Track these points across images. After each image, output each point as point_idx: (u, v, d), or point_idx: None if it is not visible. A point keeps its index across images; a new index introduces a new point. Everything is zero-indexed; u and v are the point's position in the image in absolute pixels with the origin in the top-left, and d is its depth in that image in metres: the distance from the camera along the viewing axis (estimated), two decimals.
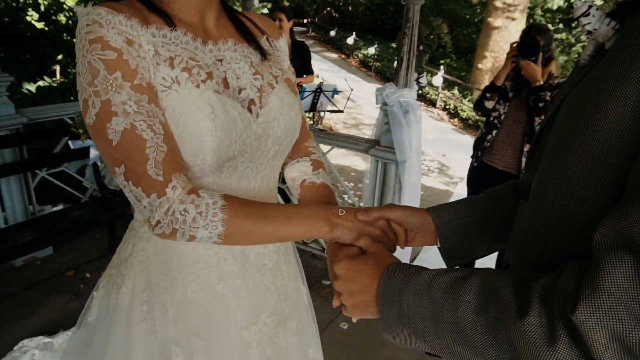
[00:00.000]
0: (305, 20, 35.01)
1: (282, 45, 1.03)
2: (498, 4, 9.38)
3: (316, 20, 30.99)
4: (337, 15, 30.43)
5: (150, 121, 0.73)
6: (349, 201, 2.98)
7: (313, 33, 27.03)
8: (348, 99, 3.80)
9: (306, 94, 3.50)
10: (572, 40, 13.37)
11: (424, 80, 2.59)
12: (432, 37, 12.08)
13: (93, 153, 2.98)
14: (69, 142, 2.97)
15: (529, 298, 0.44)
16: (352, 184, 5.59)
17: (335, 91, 3.63)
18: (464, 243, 0.82)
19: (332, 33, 21.44)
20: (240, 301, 0.93)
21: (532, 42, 2.36)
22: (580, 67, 0.52)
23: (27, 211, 3.08)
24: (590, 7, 0.48)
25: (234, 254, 0.92)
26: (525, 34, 2.61)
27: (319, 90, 3.46)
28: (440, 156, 7.99)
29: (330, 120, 9.48)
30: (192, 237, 0.75)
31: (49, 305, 2.63)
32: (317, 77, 11.71)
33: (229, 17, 0.94)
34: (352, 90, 3.46)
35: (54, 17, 6.33)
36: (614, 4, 0.46)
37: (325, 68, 15.85)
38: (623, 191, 0.42)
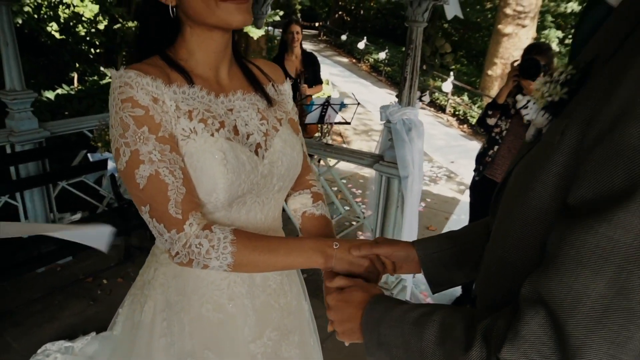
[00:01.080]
0: (317, 24, 35.19)
1: (287, 89, 1.15)
2: (508, 11, 9.42)
3: (328, 23, 31.17)
4: (348, 19, 30.54)
5: (171, 167, 0.85)
6: (355, 209, 3.10)
7: (324, 37, 27.18)
8: (355, 112, 3.89)
9: (314, 107, 3.61)
10: None
11: (426, 99, 2.69)
12: (435, 57, 12.20)
13: (111, 165, 3.12)
14: (88, 154, 3.12)
15: (474, 336, 0.55)
16: (359, 191, 5.70)
17: (343, 104, 3.74)
18: (445, 273, 0.93)
19: (344, 37, 21.55)
20: (247, 319, 1.05)
21: (533, 63, 2.43)
22: (526, 142, 0.63)
23: (48, 219, 3.25)
24: (528, 101, 0.59)
25: (242, 277, 1.04)
26: (526, 53, 2.70)
27: (326, 104, 3.58)
28: (448, 163, 8.04)
29: (340, 127, 9.59)
30: (206, 266, 0.87)
31: (68, 310, 2.78)
32: (327, 83, 11.82)
33: (240, 66, 1.06)
34: (358, 104, 3.57)
35: (73, 30, 6.55)
36: (546, 101, 0.57)
37: (336, 73, 15.99)
38: None
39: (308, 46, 22.18)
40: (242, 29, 1.13)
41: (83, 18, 6.48)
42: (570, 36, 13.97)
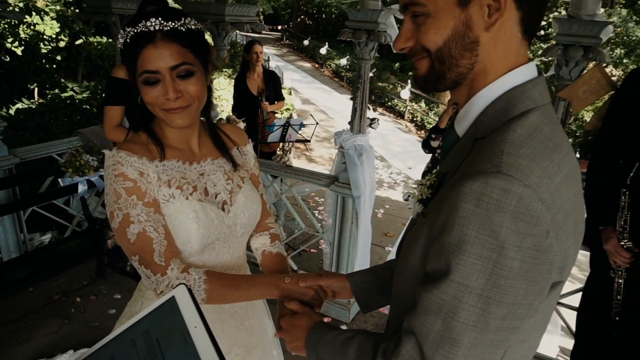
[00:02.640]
0: (279, 27, 35.26)
1: (249, 150, 1.40)
2: None
3: (290, 25, 31.36)
4: (311, 23, 30.81)
5: (155, 226, 1.09)
6: (314, 226, 3.38)
7: (287, 41, 27.39)
8: (314, 132, 4.17)
9: (275, 127, 3.87)
10: (530, 56, 14.13)
11: (375, 126, 3.00)
12: (382, 87, 12.87)
13: (81, 188, 3.28)
14: (59, 179, 3.26)
15: (377, 353, 0.82)
16: (322, 199, 5.99)
17: (302, 125, 4.01)
18: (371, 298, 1.21)
19: (306, 42, 21.83)
20: (218, 340, 1.30)
21: None
22: (413, 218, 0.91)
23: (19, 241, 3.37)
24: (409, 195, 0.87)
25: (213, 306, 1.29)
26: None
27: (287, 125, 3.84)
28: (406, 169, 8.46)
29: (304, 133, 9.87)
30: None
31: (44, 329, 2.93)
32: (290, 92, 12.07)
33: (210, 133, 1.30)
34: (317, 123, 3.85)
35: (35, 49, 6.52)
36: (419, 197, 0.84)
37: (299, 79, 16.26)
38: None
39: (271, 50, 22.35)
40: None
41: (44, 36, 6.47)
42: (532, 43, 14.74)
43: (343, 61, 16.79)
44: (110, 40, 7.49)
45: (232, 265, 1.31)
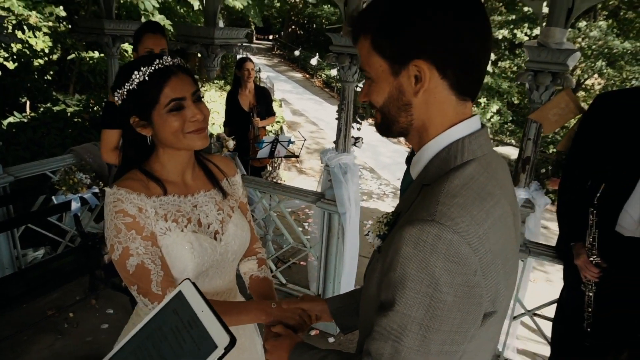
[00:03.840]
0: (270, 37, 35.49)
1: (238, 180, 1.51)
2: None
3: (282, 34, 31.59)
4: (301, 33, 31.08)
5: (152, 258, 1.19)
6: (302, 241, 3.48)
7: (279, 51, 27.61)
8: (302, 147, 4.29)
9: (264, 144, 3.98)
10: (515, 68, 14.51)
11: (360, 145, 3.12)
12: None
13: (74, 206, 3.35)
14: (52, 197, 3.33)
15: None
16: (312, 212, 6.10)
17: (290, 142, 4.13)
18: (350, 320, 1.31)
19: (297, 53, 22.06)
20: None
21: None
22: (375, 251, 1.03)
23: (13, 257, 3.43)
24: (369, 231, 0.98)
25: None
26: None
27: (275, 141, 3.95)
28: (395, 180, 8.59)
29: (296, 146, 9.99)
30: None
31: (37, 345, 2.99)
32: (280, 105, 12.19)
33: (201, 166, 1.41)
34: (305, 139, 3.97)
35: (28, 64, 6.58)
36: (378, 232, 0.96)
37: (290, 89, 16.41)
38: None
39: (262, 61, 22.52)
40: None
41: (37, 51, 6.54)
42: (502, 58, 15.12)
43: (334, 72, 16.93)
44: (102, 55, 7.58)
45: (224, 290, 1.42)
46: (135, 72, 1.17)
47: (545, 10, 2.44)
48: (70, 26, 8.10)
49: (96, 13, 7.02)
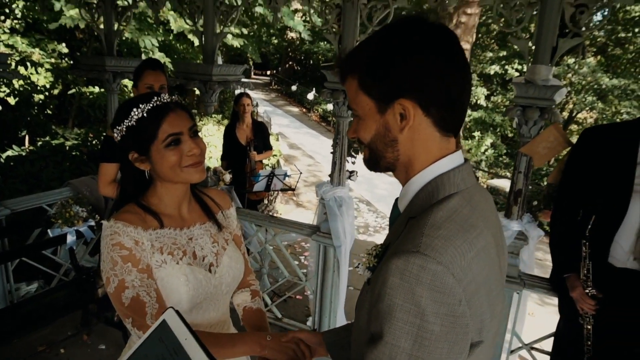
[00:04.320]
0: (268, 72, 36.19)
1: (232, 213, 1.54)
2: None
3: (279, 69, 32.24)
4: (298, 69, 31.76)
5: (148, 290, 1.20)
6: (298, 274, 3.48)
7: (276, 86, 28.11)
8: (298, 180, 4.33)
9: (261, 177, 4.02)
10: (507, 102, 14.85)
11: (354, 179, 3.16)
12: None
13: (70, 239, 3.35)
14: (48, 230, 3.33)
15: None
16: (308, 244, 6.09)
17: (286, 175, 4.17)
18: (344, 354, 1.31)
19: (294, 88, 22.46)
20: None
21: None
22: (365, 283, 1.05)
23: (5, 292, 3.40)
24: (359, 264, 1.01)
25: None
26: None
27: (272, 175, 3.99)
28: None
29: (292, 179, 10.06)
30: None
31: None
32: (277, 139, 12.34)
33: (197, 199, 1.44)
34: (301, 173, 4.01)
35: (27, 96, 6.70)
36: (367, 265, 0.98)
37: (287, 124, 16.62)
38: None
39: (260, 96, 22.89)
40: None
41: (38, 87, 6.68)
42: (495, 93, 15.47)
43: (330, 106, 17.26)
44: (102, 90, 7.72)
45: (217, 321, 1.42)
46: (134, 110, 1.21)
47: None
48: (72, 62, 8.29)
49: (98, 50, 7.18)
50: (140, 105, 1.22)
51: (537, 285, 2.62)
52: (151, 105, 1.22)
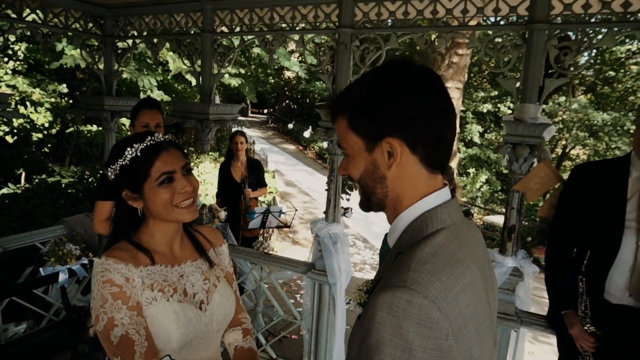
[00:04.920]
0: (265, 110, 36.74)
1: (224, 250, 1.54)
2: None
3: (276, 108, 32.75)
4: (295, 107, 32.28)
5: (137, 328, 1.19)
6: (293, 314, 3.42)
7: (273, 124, 28.48)
8: (294, 217, 4.34)
9: (256, 215, 4.03)
10: (500, 139, 15.09)
11: (349, 215, 3.18)
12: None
13: (62, 277, 3.31)
14: (40, 268, 3.30)
15: None
16: (304, 282, 6.01)
17: (282, 212, 4.19)
18: None
19: (290, 126, 22.77)
20: None
21: None
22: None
23: None
24: (350, 299, 1.01)
25: None
26: None
27: (267, 212, 4.00)
28: None
29: (288, 216, 10.04)
30: None
31: None
32: (273, 176, 12.41)
33: (189, 237, 1.45)
34: (296, 210, 4.03)
35: (25, 135, 6.79)
36: (359, 300, 0.98)
37: (283, 161, 16.74)
38: None
39: (257, 133, 23.17)
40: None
41: (37, 126, 6.77)
42: (488, 130, 15.74)
43: (326, 144, 17.43)
44: (99, 128, 7.82)
45: None
46: (128, 149, 1.24)
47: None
48: (71, 101, 8.43)
49: (97, 89, 7.32)
50: (134, 145, 1.24)
51: (534, 322, 2.59)
52: (145, 144, 1.25)
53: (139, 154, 1.24)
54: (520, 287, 2.64)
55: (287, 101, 31.66)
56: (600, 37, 2.39)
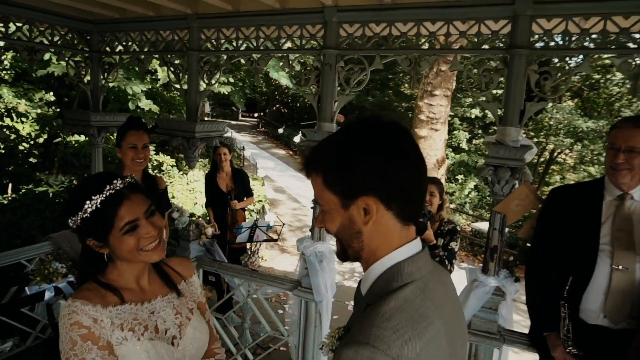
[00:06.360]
0: (255, 114, 36.68)
1: (195, 280, 1.56)
2: (422, 117, 10.69)
3: (267, 111, 32.70)
4: (285, 111, 32.26)
5: None
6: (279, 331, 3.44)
7: (263, 128, 28.45)
8: (281, 232, 4.35)
9: (243, 229, 4.04)
10: None
11: None
12: None
13: (48, 295, 3.29)
14: (26, 287, 3.27)
15: None
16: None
17: (269, 226, 4.20)
18: None
19: (280, 130, 22.76)
20: None
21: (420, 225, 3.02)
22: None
23: None
24: (323, 345, 1.04)
25: None
26: None
27: (254, 226, 4.02)
28: None
29: (278, 225, 10.03)
30: None
31: None
32: (262, 183, 12.39)
33: (157, 271, 1.46)
34: (283, 224, 4.04)
35: (12, 147, 6.72)
36: (330, 347, 1.01)
37: (273, 166, 16.72)
38: None
39: (247, 138, 23.11)
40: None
41: (23, 136, 6.71)
42: (476, 137, 15.88)
43: None
44: (87, 138, 7.79)
45: None
46: (87, 202, 1.23)
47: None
48: (58, 109, 8.36)
49: (85, 96, 7.26)
50: (93, 197, 1.23)
51: (516, 341, 2.63)
52: (104, 195, 1.24)
53: (99, 206, 1.23)
54: (502, 306, 2.68)
55: (277, 105, 31.63)
56: (579, 61, 2.45)
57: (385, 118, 0.97)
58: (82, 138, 7.34)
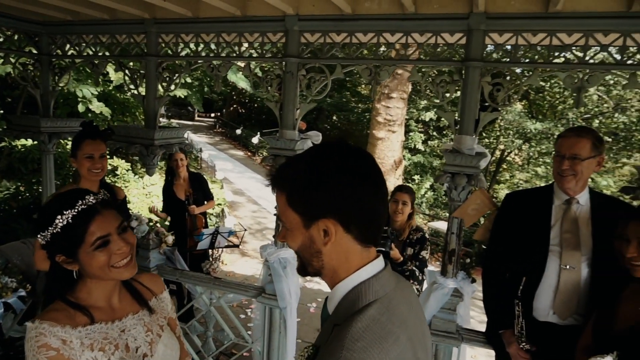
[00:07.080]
0: (212, 114, 36.04)
1: (166, 296, 1.55)
2: (380, 119, 10.90)
3: (224, 112, 32.20)
4: (243, 111, 31.91)
5: None
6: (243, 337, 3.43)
7: (220, 129, 28.00)
8: (242, 237, 4.33)
9: (205, 236, 3.99)
10: (442, 146, 15.77)
11: None
12: None
13: None
14: None
15: None
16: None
17: (231, 232, 4.17)
18: None
19: (238, 131, 22.49)
20: None
21: (382, 237, 3.09)
22: None
23: None
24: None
25: None
26: (392, 195, 3.42)
27: (216, 233, 3.98)
28: None
29: (239, 230, 9.92)
30: None
31: None
32: (222, 186, 12.23)
33: (127, 288, 1.44)
34: (245, 230, 4.03)
35: None
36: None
37: (231, 168, 16.50)
38: None
39: (204, 139, 22.70)
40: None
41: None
42: (431, 138, 16.37)
43: None
44: (35, 142, 7.42)
45: None
46: (59, 217, 1.21)
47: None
48: (2, 111, 7.92)
49: (32, 97, 6.92)
50: (65, 212, 1.21)
51: (474, 339, 2.75)
52: (76, 210, 1.22)
53: (70, 221, 1.22)
54: (460, 307, 2.79)
55: (235, 105, 31.23)
56: (528, 75, 2.59)
57: (350, 144, 1.02)
58: (30, 142, 6.98)
